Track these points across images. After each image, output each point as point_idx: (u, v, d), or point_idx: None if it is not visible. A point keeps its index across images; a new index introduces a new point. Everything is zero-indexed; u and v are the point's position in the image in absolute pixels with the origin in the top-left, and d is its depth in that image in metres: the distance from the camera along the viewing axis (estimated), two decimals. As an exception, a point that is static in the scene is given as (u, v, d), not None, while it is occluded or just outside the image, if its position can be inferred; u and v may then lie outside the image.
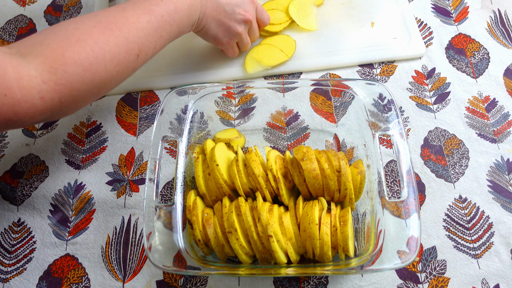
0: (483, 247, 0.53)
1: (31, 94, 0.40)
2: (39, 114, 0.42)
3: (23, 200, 0.58)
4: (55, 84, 0.41)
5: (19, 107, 0.40)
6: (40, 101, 0.41)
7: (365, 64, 0.66)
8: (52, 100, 0.42)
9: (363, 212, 0.50)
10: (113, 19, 0.47)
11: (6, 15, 0.76)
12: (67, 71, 0.42)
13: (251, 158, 0.48)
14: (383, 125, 0.51)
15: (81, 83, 0.43)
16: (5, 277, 0.53)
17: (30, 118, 0.42)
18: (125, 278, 0.53)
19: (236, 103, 0.62)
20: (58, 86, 0.42)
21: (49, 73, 0.41)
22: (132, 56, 0.47)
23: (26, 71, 0.40)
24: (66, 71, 0.42)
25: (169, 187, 0.58)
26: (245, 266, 0.47)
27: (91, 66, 0.43)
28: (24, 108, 0.40)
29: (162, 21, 0.50)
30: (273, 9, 0.69)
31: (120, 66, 0.46)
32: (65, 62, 0.42)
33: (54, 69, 0.41)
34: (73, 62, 0.42)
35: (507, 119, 0.61)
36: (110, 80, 0.47)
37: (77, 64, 0.42)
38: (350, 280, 0.51)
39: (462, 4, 0.72)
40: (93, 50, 0.43)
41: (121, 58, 0.46)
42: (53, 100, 0.42)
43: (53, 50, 0.42)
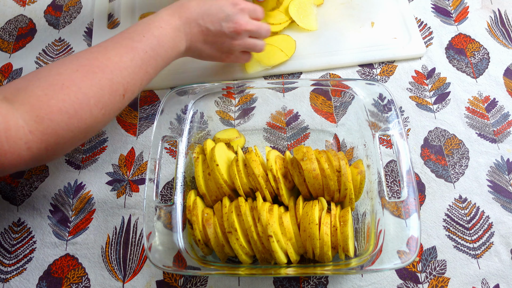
0: (483, 247, 0.53)
1: (18, 145, 0.40)
2: (24, 164, 0.42)
3: (23, 200, 0.58)
4: (41, 134, 0.41)
5: (4, 158, 0.39)
6: (26, 152, 0.41)
7: (365, 64, 0.66)
8: (38, 150, 0.42)
9: (363, 212, 0.50)
10: (95, 61, 0.46)
11: (6, 15, 0.76)
12: (53, 119, 0.42)
13: (251, 158, 0.48)
14: (383, 125, 0.51)
15: (67, 130, 0.43)
16: (5, 277, 0.53)
17: (14, 167, 0.41)
18: (125, 278, 0.53)
19: (236, 103, 0.62)
20: (45, 136, 0.42)
21: (35, 122, 0.41)
22: (118, 96, 0.47)
23: (14, 121, 0.40)
24: (52, 120, 0.42)
25: (169, 187, 0.58)
26: (245, 266, 0.47)
27: (76, 113, 0.43)
28: (9, 159, 0.40)
29: (146, 57, 0.49)
30: (273, 9, 0.69)
31: (105, 108, 0.46)
32: (50, 110, 0.42)
33: (40, 118, 0.41)
34: (58, 110, 0.42)
35: (507, 119, 0.61)
36: (96, 124, 0.46)
37: (63, 112, 0.42)
38: (350, 280, 0.51)
39: (462, 4, 0.72)
40: (77, 96, 0.43)
41: (106, 101, 0.46)
42: (40, 150, 0.42)
43: (38, 98, 0.42)
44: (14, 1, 0.78)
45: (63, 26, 0.74)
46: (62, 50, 0.71)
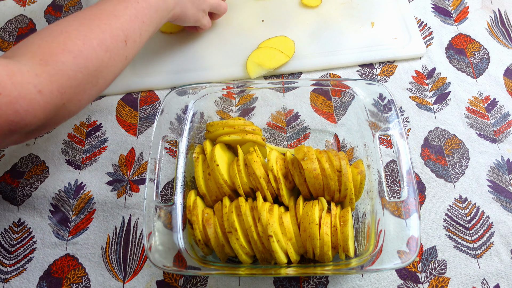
0: (483, 247, 0.53)
1: (27, 89, 0.38)
2: (42, 111, 0.40)
3: (23, 200, 0.58)
4: (49, 75, 0.40)
5: (17, 105, 0.38)
6: (39, 95, 0.39)
7: (365, 64, 0.66)
8: (51, 93, 0.40)
9: (363, 212, 0.50)
10: (89, 12, 0.47)
11: (6, 15, 0.76)
12: (57, 60, 0.41)
13: (253, 159, 0.48)
14: (383, 125, 0.51)
15: (75, 70, 0.42)
16: (5, 277, 0.53)
17: (33, 117, 0.40)
18: (125, 278, 0.53)
19: (236, 103, 0.62)
20: (53, 76, 0.41)
21: (40, 65, 0.40)
22: (120, 42, 0.48)
23: (17, 68, 0.39)
24: (57, 60, 0.41)
25: (169, 187, 0.58)
26: (245, 266, 0.47)
27: (81, 52, 0.43)
28: (23, 105, 0.38)
29: (139, 7, 0.51)
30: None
31: (110, 52, 0.46)
32: (54, 52, 0.41)
33: (44, 61, 0.40)
34: (61, 51, 0.42)
35: (507, 119, 0.61)
36: (105, 67, 0.46)
37: (66, 52, 0.42)
38: (350, 280, 0.51)
39: (462, 4, 0.72)
40: (78, 37, 0.43)
41: (108, 44, 0.46)
42: (52, 92, 0.41)
43: (39, 45, 0.42)
44: (14, 1, 0.78)
45: (63, 26, 0.74)
46: (62, 50, 0.71)
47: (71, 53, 0.42)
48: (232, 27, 0.70)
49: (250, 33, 0.69)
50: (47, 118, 0.42)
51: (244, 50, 0.67)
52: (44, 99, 0.40)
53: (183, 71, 0.66)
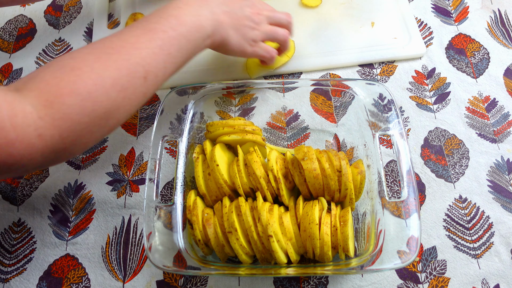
0: (483, 247, 0.53)
1: (27, 132, 0.36)
2: (40, 155, 0.38)
3: (23, 200, 0.58)
4: (52, 118, 0.38)
5: (13, 148, 0.36)
6: (38, 140, 0.37)
7: (365, 64, 0.66)
8: (51, 138, 0.38)
9: (363, 212, 0.50)
10: (110, 44, 0.43)
11: (6, 15, 0.76)
12: (63, 102, 0.38)
13: (252, 159, 0.48)
14: (383, 125, 0.51)
15: (81, 114, 0.39)
16: (5, 277, 0.53)
17: (29, 160, 0.38)
18: (125, 278, 0.53)
19: (236, 103, 0.62)
20: (57, 121, 0.38)
21: (45, 107, 0.37)
22: (138, 79, 0.43)
23: (21, 108, 0.36)
24: (63, 103, 0.38)
25: (169, 187, 0.58)
26: (245, 266, 0.47)
27: (90, 94, 0.39)
28: (19, 149, 0.36)
29: (166, 37, 0.45)
30: None
31: (125, 91, 0.42)
32: (61, 93, 0.38)
33: (50, 102, 0.38)
34: (69, 92, 0.38)
35: (507, 119, 0.61)
36: (117, 108, 0.42)
37: (74, 94, 0.39)
38: (350, 280, 0.51)
39: (462, 4, 0.72)
40: (90, 77, 0.40)
41: (124, 83, 0.42)
42: (53, 137, 0.38)
43: (47, 82, 0.39)
44: (14, 1, 0.78)
45: (63, 26, 0.74)
46: (62, 50, 0.71)
47: (79, 95, 0.39)
48: (232, 27, 0.70)
49: (250, 33, 0.69)
50: (45, 161, 0.40)
51: (244, 50, 0.67)
52: (43, 144, 0.38)
53: (183, 71, 0.66)
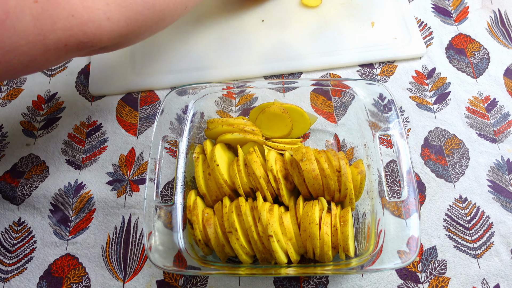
0: (483, 247, 0.53)
1: (97, 14, 0.42)
2: (107, 36, 0.44)
3: (23, 200, 0.58)
4: (119, 6, 0.44)
5: (87, 27, 0.41)
6: (107, 22, 0.43)
7: (365, 64, 0.66)
8: (118, 22, 0.44)
9: (363, 212, 0.50)
10: None
11: (6, 15, 0.76)
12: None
13: (252, 159, 0.48)
14: (383, 125, 0.51)
15: (144, 7, 0.46)
16: (5, 277, 0.53)
17: (99, 40, 0.43)
18: (125, 278, 0.53)
19: (236, 103, 0.62)
20: (123, 8, 0.44)
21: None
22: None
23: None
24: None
25: (169, 187, 0.58)
26: (246, 266, 0.47)
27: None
28: (92, 28, 0.42)
29: None
30: None
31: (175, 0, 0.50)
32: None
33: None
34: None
35: (507, 119, 0.61)
36: (169, 10, 0.50)
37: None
38: (350, 280, 0.51)
39: (462, 4, 0.72)
40: None
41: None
42: (120, 22, 0.44)
43: None
44: (14, 1, 0.78)
45: (63, 26, 0.74)
46: (62, 50, 0.71)
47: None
48: (232, 27, 0.70)
49: (250, 33, 0.69)
50: (111, 42, 0.45)
51: (244, 50, 0.67)
52: (110, 26, 0.43)
53: (183, 71, 0.66)
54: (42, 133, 0.63)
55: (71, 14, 0.40)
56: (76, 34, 0.41)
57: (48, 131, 0.63)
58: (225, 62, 0.67)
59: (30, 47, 0.38)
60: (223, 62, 0.67)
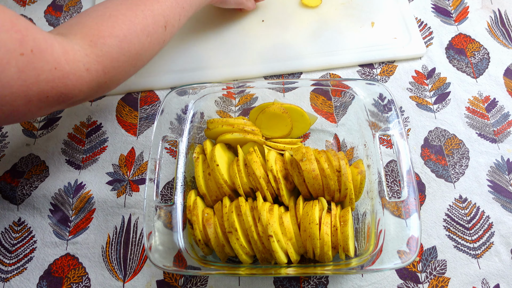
0: (483, 247, 0.53)
1: (78, 66, 0.43)
2: (87, 87, 0.45)
3: (23, 200, 0.58)
4: (97, 56, 0.45)
5: (68, 80, 0.42)
6: (86, 73, 0.44)
7: (365, 64, 0.66)
8: (97, 72, 0.45)
9: (363, 212, 0.50)
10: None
11: (6, 15, 0.76)
12: (105, 43, 0.46)
13: (252, 159, 0.48)
14: (383, 125, 0.51)
15: (119, 53, 0.47)
16: (5, 277, 0.53)
17: (79, 91, 0.44)
18: (125, 277, 0.53)
19: (236, 103, 0.62)
20: (100, 58, 0.45)
21: (90, 46, 0.45)
22: (160, 27, 0.52)
23: (70, 46, 0.43)
24: (105, 43, 0.46)
25: (169, 187, 0.58)
26: (245, 266, 0.47)
27: (126, 37, 0.48)
28: (73, 80, 0.43)
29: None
30: None
31: (151, 37, 0.51)
32: (102, 35, 0.46)
33: (93, 42, 0.45)
34: (109, 35, 0.46)
35: (507, 119, 0.61)
36: (145, 51, 0.51)
37: (113, 36, 0.47)
38: (350, 280, 0.51)
39: (462, 4, 0.72)
40: (124, 23, 0.48)
41: (150, 30, 0.50)
42: (98, 72, 0.45)
43: (90, 27, 0.46)
44: (14, 1, 0.78)
45: (63, 26, 0.74)
46: (62, 50, 0.71)
47: (117, 37, 0.47)
48: (232, 27, 0.70)
49: (250, 33, 0.69)
50: (90, 92, 0.47)
51: (244, 50, 0.67)
52: (90, 77, 0.45)
53: (183, 71, 0.66)
54: (42, 133, 0.63)
55: (54, 66, 0.41)
56: (57, 86, 0.42)
57: (48, 131, 0.63)
58: (225, 62, 0.67)
59: (13, 97, 0.39)
60: (223, 62, 0.67)
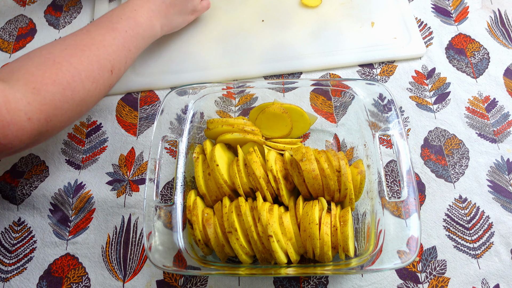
0: (483, 247, 0.53)
1: (19, 116, 0.42)
2: (27, 136, 0.43)
3: (23, 200, 0.58)
4: (39, 104, 0.44)
5: (8, 130, 0.41)
6: (28, 122, 0.43)
7: (365, 64, 0.66)
8: (39, 121, 0.44)
9: (363, 212, 0.50)
10: (81, 41, 0.50)
11: (6, 15, 0.76)
12: (48, 90, 0.44)
13: (252, 159, 0.48)
14: (383, 125, 0.51)
15: (63, 101, 0.46)
16: (5, 277, 0.53)
17: (19, 141, 0.43)
18: (125, 277, 0.53)
19: (236, 103, 0.62)
20: (43, 106, 0.44)
21: (33, 94, 0.43)
22: (106, 72, 0.51)
23: (12, 94, 0.41)
24: (48, 91, 0.44)
25: (169, 187, 0.58)
26: (245, 266, 0.47)
27: (70, 84, 0.46)
28: (13, 130, 0.41)
29: (127, 36, 0.54)
30: None
31: (96, 83, 0.50)
32: (45, 82, 0.44)
33: (37, 89, 0.44)
34: (52, 82, 0.45)
35: (507, 119, 0.61)
36: (90, 97, 0.49)
37: (57, 84, 0.45)
38: (350, 280, 0.51)
39: (462, 4, 0.72)
40: (68, 70, 0.47)
41: (96, 75, 0.49)
42: (40, 120, 0.44)
43: (33, 73, 0.45)
44: (14, 1, 0.78)
45: (63, 26, 0.74)
46: (62, 50, 0.71)
47: (61, 85, 0.46)
48: (232, 27, 0.70)
49: (250, 33, 0.69)
50: (30, 142, 0.45)
51: (244, 50, 0.67)
52: (31, 126, 0.43)
53: (183, 71, 0.66)
54: (42, 133, 0.63)
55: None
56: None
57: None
58: (225, 62, 0.67)
59: None
60: (223, 62, 0.67)
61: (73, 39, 0.50)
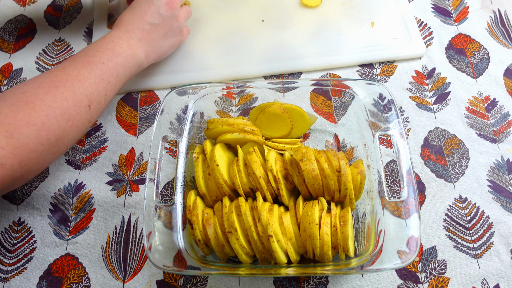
0: (483, 247, 0.53)
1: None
2: (0, 183, 0.41)
3: (23, 200, 0.58)
4: (13, 148, 0.41)
5: None
6: (0, 168, 0.40)
7: (365, 64, 0.66)
8: (12, 166, 0.42)
9: (363, 212, 0.50)
10: (55, 78, 0.48)
11: (6, 15, 0.76)
12: (22, 133, 0.42)
13: (252, 159, 0.48)
14: (383, 125, 0.51)
15: (37, 143, 0.44)
16: (5, 277, 0.53)
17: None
18: (125, 277, 0.53)
19: (236, 103, 0.62)
20: (17, 150, 0.42)
21: (5, 137, 0.41)
22: (83, 108, 0.48)
23: None
24: (22, 133, 0.42)
25: (169, 187, 0.58)
26: (245, 266, 0.47)
27: (44, 124, 0.44)
28: None
29: (104, 68, 0.51)
30: None
31: (72, 120, 0.47)
32: (19, 124, 0.42)
33: (9, 132, 0.41)
34: (26, 123, 0.43)
35: (507, 119, 0.61)
36: (66, 135, 0.47)
37: (31, 125, 0.43)
38: (350, 280, 0.51)
39: (462, 4, 0.72)
40: (42, 109, 0.44)
41: (72, 112, 0.47)
42: (13, 166, 0.42)
43: (6, 115, 0.42)
44: (14, 1, 0.78)
45: (63, 26, 0.74)
46: (62, 50, 0.71)
47: (35, 126, 0.43)
48: (232, 27, 0.70)
49: (250, 33, 0.69)
50: (3, 188, 0.43)
51: (244, 50, 0.67)
52: (4, 172, 0.41)
53: (183, 71, 0.66)
54: (42, 133, 0.63)
55: None
56: None
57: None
58: (225, 62, 0.67)
59: None
60: (223, 62, 0.67)
61: (47, 77, 0.48)
